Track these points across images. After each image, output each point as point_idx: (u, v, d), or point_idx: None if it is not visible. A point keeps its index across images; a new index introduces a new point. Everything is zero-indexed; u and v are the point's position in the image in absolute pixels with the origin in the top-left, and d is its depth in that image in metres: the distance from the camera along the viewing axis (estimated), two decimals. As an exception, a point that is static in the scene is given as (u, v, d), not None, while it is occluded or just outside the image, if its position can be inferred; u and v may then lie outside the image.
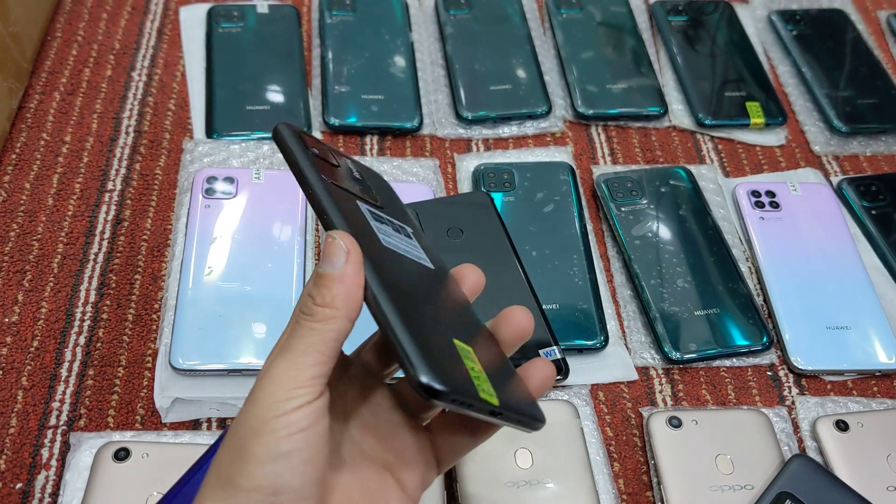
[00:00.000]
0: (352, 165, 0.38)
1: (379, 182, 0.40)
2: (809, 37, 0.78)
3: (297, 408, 0.29)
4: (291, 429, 0.29)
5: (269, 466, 0.29)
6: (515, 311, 0.36)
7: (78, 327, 0.54)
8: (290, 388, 0.30)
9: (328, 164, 0.35)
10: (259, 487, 0.29)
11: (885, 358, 0.56)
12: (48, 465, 0.48)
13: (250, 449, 0.29)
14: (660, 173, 0.65)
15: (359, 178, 0.37)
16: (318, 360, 0.30)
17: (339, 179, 0.35)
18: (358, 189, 0.36)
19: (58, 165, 0.62)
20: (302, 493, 0.29)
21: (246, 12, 0.73)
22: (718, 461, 0.50)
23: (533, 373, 0.35)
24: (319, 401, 0.30)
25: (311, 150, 0.34)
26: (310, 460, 0.30)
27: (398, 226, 0.37)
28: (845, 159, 0.71)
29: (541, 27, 0.77)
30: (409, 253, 0.35)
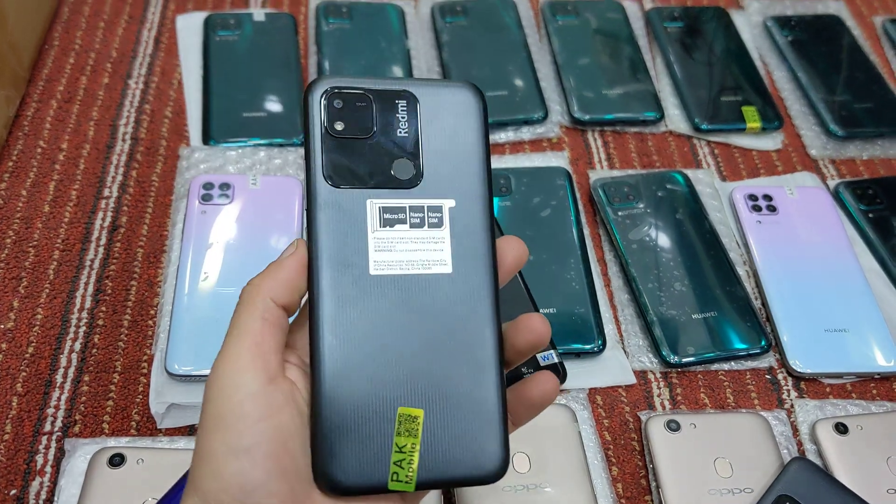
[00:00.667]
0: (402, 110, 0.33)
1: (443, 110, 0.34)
2: (805, 42, 0.79)
3: (247, 396, 0.29)
4: (248, 421, 0.29)
5: (232, 464, 0.29)
6: (533, 318, 0.33)
7: (73, 333, 0.54)
8: (231, 376, 0.29)
9: (353, 143, 0.33)
10: (226, 489, 0.28)
11: (884, 360, 0.56)
12: (42, 472, 0.48)
13: (211, 449, 0.29)
14: (656, 178, 0.65)
15: (402, 134, 0.33)
16: (250, 342, 0.30)
17: (357, 166, 0.32)
18: (383, 168, 0.33)
19: (54, 172, 0.62)
20: (270, 489, 0.29)
21: (243, 21, 0.73)
22: (717, 465, 0.50)
23: (534, 386, 0.34)
24: (271, 390, 0.30)
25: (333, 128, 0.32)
26: (274, 454, 0.29)
27: (429, 209, 0.33)
28: (842, 163, 0.71)
29: (537, 34, 0.77)
30: (410, 266, 0.32)
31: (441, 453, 0.31)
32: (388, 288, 0.32)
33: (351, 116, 0.33)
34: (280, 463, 0.29)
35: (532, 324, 0.33)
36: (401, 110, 0.33)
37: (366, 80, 0.33)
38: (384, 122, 0.33)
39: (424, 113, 0.33)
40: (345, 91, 0.33)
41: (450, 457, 0.31)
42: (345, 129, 0.33)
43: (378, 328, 0.31)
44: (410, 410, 0.31)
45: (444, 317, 0.32)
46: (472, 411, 0.32)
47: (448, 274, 0.32)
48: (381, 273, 0.32)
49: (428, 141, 0.33)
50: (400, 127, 0.33)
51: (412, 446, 0.31)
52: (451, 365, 0.32)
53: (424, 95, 0.34)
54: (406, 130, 0.33)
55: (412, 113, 0.33)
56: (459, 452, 0.31)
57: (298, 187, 0.61)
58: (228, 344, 0.30)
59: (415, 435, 0.31)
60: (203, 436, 0.29)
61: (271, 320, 0.31)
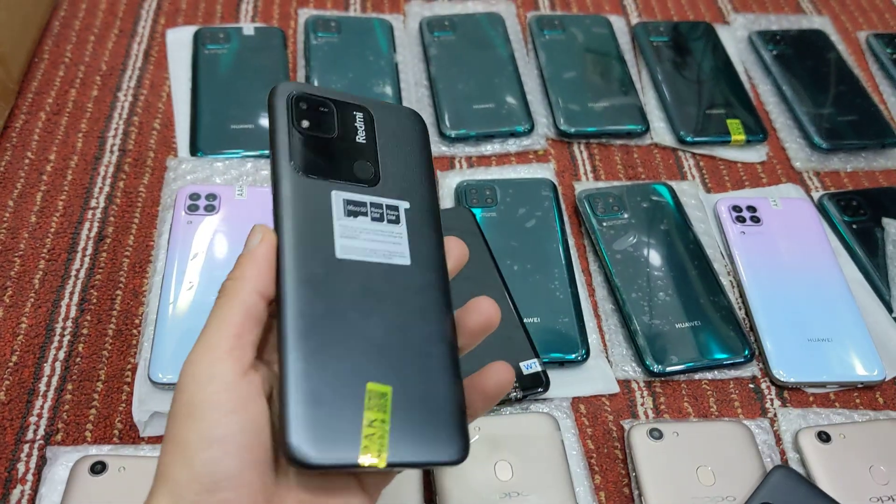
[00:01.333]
0: (360, 120, 0.36)
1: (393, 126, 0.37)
2: (790, 56, 0.79)
3: (222, 387, 0.29)
4: (221, 411, 0.29)
5: (204, 453, 0.28)
6: (481, 300, 0.35)
7: (58, 342, 0.54)
8: (207, 365, 0.29)
9: (317, 139, 0.35)
10: (197, 478, 0.28)
11: (866, 370, 0.56)
12: (24, 480, 0.48)
13: (183, 438, 0.29)
14: (641, 189, 0.65)
15: (361, 140, 0.36)
16: (230, 333, 0.30)
17: (322, 161, 0.34)
18: (346, 165, 0.35)
19: (42, 183, 0.63)
20: (242, 480, 0.29)
21: (232, 35, 0.74)
22: (700, 473, 0.50)
23: (489, 377, 0.35)
24: (244, 383, 0.30)
25: (300, 125, 0.34)
26: (247, 446, 0.29)
27: (387, 207, 0.35)
28: (826, 175, 0.71)
29: (524, 48, 0.78)
30: (374, 255, 0.34)
31: (409, 434, 0.31)
32: (354, 272, 0.33)
33: (315, 117, 0.35)
34: (253, 454, 0.29)
35: (481, 306, 0.35)
36: (359, 120, 0.36)
37: (326, 91, 0.36)
38: (345, 127, 0.36)
39: (379, 126, 0.37)
40: (308, 96, 0.36)
41: (417, 438, 0.31)
42: (310, 126, 0.35)
43: (344, 308, 0.32)
44: (379, 387, 0.31)
45: (404, 304, 0.33)
46: (435, 395, 0.32)
47: (407, 266, 0.34)
48: (347, 257, 0.33)
49: (382, 150, 0.36)
50: (359, 134, 0.36)
51: (382, 423, 0.31)
52: (411, 351, 0.33)
53: (378, 112, 0.37)
54: (364, 138, 0.36)
55: (369, 124, 0.36)
56: (425, 434, 0.32)
57: (284, 198, 0.61)
58: (207, 333, 0.30)
59: (384, 411, 0.31)
60: (174, 424, 0.29)
61: (254, 314, 0.31)
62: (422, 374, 0.33)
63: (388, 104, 0.38)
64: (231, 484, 0.29)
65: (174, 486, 0.29)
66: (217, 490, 0.28)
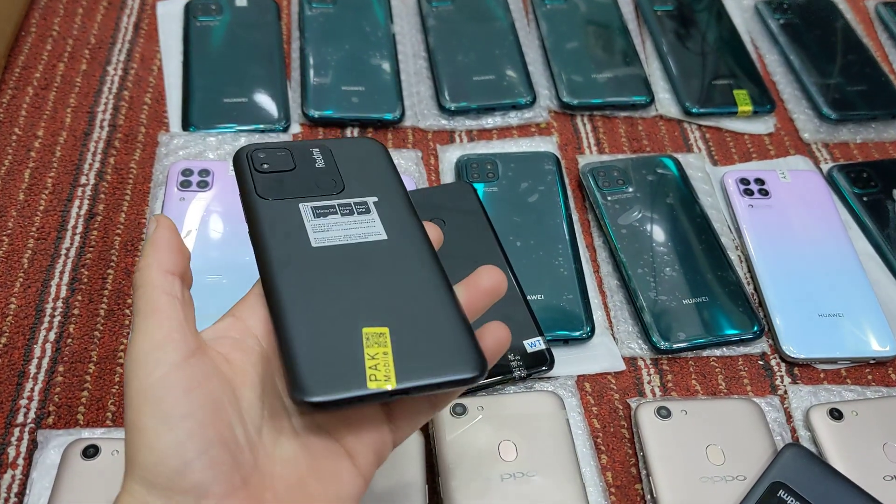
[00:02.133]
0: (318, 154, 0.39)
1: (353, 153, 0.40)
2: (797, 25, 0.77)
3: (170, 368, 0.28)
4: (176, 391, 0.28)
5: (166, 436, 0.28)
6: (486, 268, 0.35)
7: (48, 323, 0.52)
8: (149, 352, 0.29)
9: (280, 173, 0.38)
10: (164, 461, 0.27)
11: (879, 345, 0.55)
12: (14, 464, 0.46)
13: (141, 423, 0.28)
14: (646, 162, 0.64)
15: (321, 166, 0.39)
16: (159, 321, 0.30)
17: (286, 186, 0.37)
18: (309, 185, 0.38)
19: (30, 160, 0.61)
20: (212, 457, 0.28)
21: (224, 6, 0.72)
22: (709, 452, 0.48)
23: (486, 335, 0.34)
24: (195, 362, 0.29)
25: (261, 168, 0.38)
26: (210, 423, 0.28)
27: (355, 203, 0.37)
28: (835, 147, 0.69)
29: (524, 18, 0.76)
30: (349, 238, 0.35)
31: (416, 360, 0.31)
32: (333, 252, 0.35)
33: (273, 160, 0.38)
34: (217, 431, 0.28)
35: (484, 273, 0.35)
36: (316, 154, 0.39)
37: (281, 143, 0.40)
38: (303, 162, 0.39)
39: (337, 154, 0.40)
40: (265, 148, 0.39)
41: (426, 362, 0.32)
42: (269, 167, 0.38)
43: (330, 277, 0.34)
44: (376, 329, 0.32)
45: (389, 263, 0.35)
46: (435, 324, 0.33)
47: (384, 240, 0.36)
48: (322, 245, 0.35)
49: (344, 170, 0.39)
50: (317, 163, 0.39)
51: (385, 354, 0.31)
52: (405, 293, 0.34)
53: (334, 145, 0.40)
54: (323, 164, 0.39)
55: (327, 155, 0.39)
56: (435, 358, 0.32)
57: (280, 173, 0.59)
58: (138, 324, 0.30)
59: (384, 345, 0.32)
60: (131, 412, 0.28)
61: (176, 294, 0.31)
62: (418, 310, 0.33)
63: (343, 139, 0.43)
64: (200, 464, 0.28)
65: (143, 471, 0.28)
66: (186, 471, 0.28)
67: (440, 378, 0.31)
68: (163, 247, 0.32)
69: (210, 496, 0.28)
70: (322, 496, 0.31)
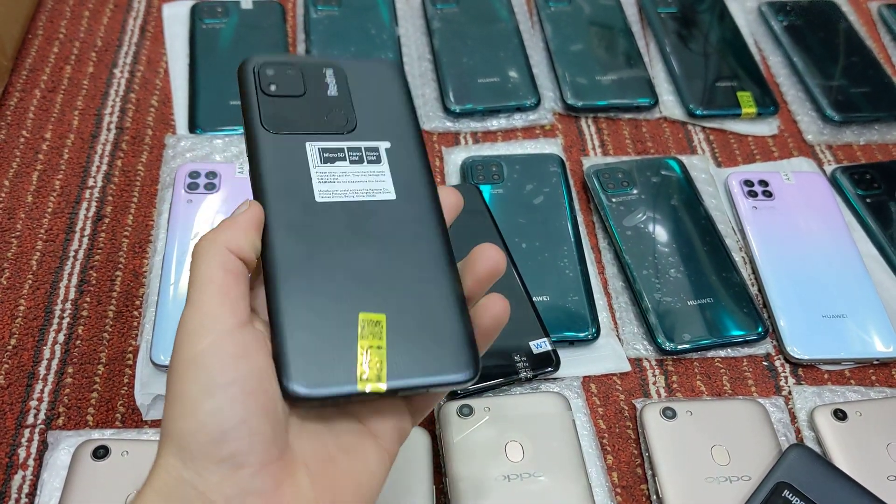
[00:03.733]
0: (331, 77, 0.36)
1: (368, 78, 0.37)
2: (800, 27, 0.78)
3: (220, 335, 0.28)
4: (222, 357, 0.28)
5: (207, 402, 0.27)
6: (486, 246, 0.34)
7: (57, 325, 0.53)
8: (201, 321, 0.28)
9: (288, 99, 0.35)
10: (202, 427, 0.27)
11: (883, 346, 0.55)
12: (25, 465, 0.47)
13: (184, 391, 0.28)
14: (651, 164, 0.64)
15: (333, 94, 0.36)
16: (215, 290, 0.29)
17: (293, 117, 0.35)
18: (318, 119, 0.35)
19: (38, 162, 0.61)
20: (251, 427, 0.27)
21: (230, 9, 0.72)
22: (714, 452, 0.49)
23: (483, 312, 0.33)
24: (245, 332, 0.29)
25: (268, 90, 0.35)
26: (253, 392, 0.28)
27: (366, 149, 0.35)
28: (839, 148, 0.70)
29: (529, 20, 0.76)
30: (355, 194, 0.33)
31: (410, 357, 0.30)
32: (336, 212, 0.33)
33: (283, 80, 0.35)
34: (259, 401, 0.28)
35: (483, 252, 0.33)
36: (329, 77, 0.36)
37: (293, 56, 0.36)
38: (314, 85, 0.36)
39: (352, 79, 0.37)
40: (275, 63, 0.36)
41: (419, 361, 0.30)
42: (277, 90, 0.35)
43: (331, 246, 0.32)
44: (372, 315, 0.31)
45: (394, 235, 0.33)
46: (434, 317, 0.31)
47: (392, 200, 0.34)
48: (326, 200, 0.33)
49: (357, 100, 0.36)
50: (329, 89, 0.36)
51: (378, 349, 0.30)
52: (407, 276, 0.32)
53: (349, 68, 0.37)
54: (336, 91, 0.36)
55: (340, 79, 0.36)
56: (428, 358, 0.30)
57: (286, 175, 0.59)
58: (193, 294, 0.29)
59: (379, 337, 0.30)
60: (174, 380, 0.28)
61: (232, 269, 0.30)
62: (419, 298, 0.32)
63: (359, 59, 0.39)
64: (239, 433, 0.27)
65: (180, 441, 0.27)
66: (225, 440, 0.27)
67: (432, 380, 0.30)
68: (236, 227, 0.31)
69: (245, 467, 0.27)
70: (351, 472, 0.30)
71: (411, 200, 0.34)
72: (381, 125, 0.36)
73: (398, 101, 0.37)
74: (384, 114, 0.36)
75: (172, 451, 0.28)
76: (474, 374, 0.31)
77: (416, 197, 0.34)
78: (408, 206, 0.34)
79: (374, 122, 0.36)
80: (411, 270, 0.32)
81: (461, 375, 0.31)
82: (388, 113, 0.36)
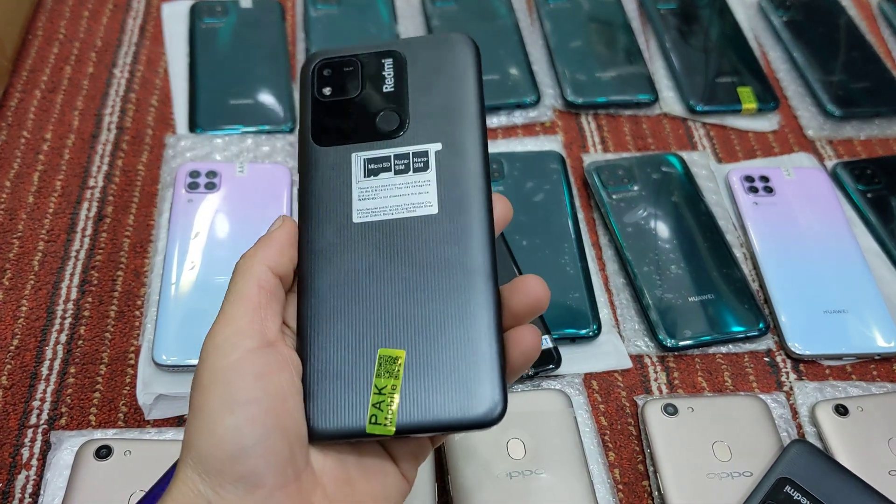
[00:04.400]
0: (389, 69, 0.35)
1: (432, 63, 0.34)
2: (801, 22, 0.77)
3: (245, 354, 0.28)
4: (246, 376, 0.28)
5: (227, 419, 0.27)
6: (529, 279, 0.32)
7: (59, 325, 0.53)
8: (229, 336, 0.29)
9: (338, 105, 0.34)
10: (220, 444, 0.27)
11: (884, 341, 0.55)
12: (28, 465, 0.47)
13: (206, 405, 0.28)
14: (651, 160, 0.64)
15: (389, 89, 0.34)
16: (248, 307, 0.30)
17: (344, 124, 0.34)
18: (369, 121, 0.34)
19: (38, 163, 0.61)
20: (269, 446, 0.28)
21: (229, 8, 0.72)
22: (716, 448, 0.49)
23: (512, 345, 0.31)
24: (270, 351, 0.29)
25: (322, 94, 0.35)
26: (273, 411, 0.28)
27: (414, 155, 0.33)
28: (839, 143, 0.70)
29: (528, 17, 0.76)
30: (394, 211, 0.32)
31: (426, 396, 0.29)
32: (371, 234, 0.32)
33: (338, 81, 0.35)
34: (279, 421, 0.28)
35: (527, 285, 0.32)
36: (387, 68, 0.35)
37: (355, 47, 0.35)
38: (371, 82, 0.35)
39: (412, 67, 0.35)
40: (334, 60, 0.35)
41: (436, 399, 0.29)
42: (332, 92, 0.35)
43: (361, 274, 0.31)
44: (391, 352, 0.30)
45: (429, 258, 0.31)
46: (462, 351, 0.30)
47: (433, 215, 0.32)
48: (363, 220, 0.32)
49: (415, 92, 0.34)
50: (386, 83, 0.35)
51: (392, 388, 0.30)
52: (437, 306, 0.31)
53: (413, 52, 0.35)
54: (392, 85, 0.34)
55: (399, 69, 0.35)
56: (447, 395, 0.29)
57: (287, 174, 0.59)
58: (226, 308, 0.30)
59: (395, 376, 0.30)
60: (198, 393, 0.29)
61: (267, 287, 0.31)
62: (446, 330, 0.30)
63: (429, 38, 0.36)
64: (256, 451, 0.28)
65: (198, 455, 0.28)
66: (242, 457, 0.27)
67: (448, 421, 0.29)
68: (274, 244, 0.32)
69: (262, 486, 0.28)
70: (370, 495, 0.31)
71: (455, 215, 0.32)
72: (436, 122, 0.33)
73: (462, 89, 0.34)
74: (443, 106, 0.34)
75: (191, 465, 0.28)
76: (500, 414, 0.29)
77: (461, 210, 0.32)
78: (450, 221, 0.32)
79: (429, 119, 0.33)
80: (442, 299, 0.31)
81: (483, 416, 0.29)
82: (448, 105, 0.34)
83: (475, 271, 0.31)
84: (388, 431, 0.29)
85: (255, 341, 0.29)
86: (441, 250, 0.31)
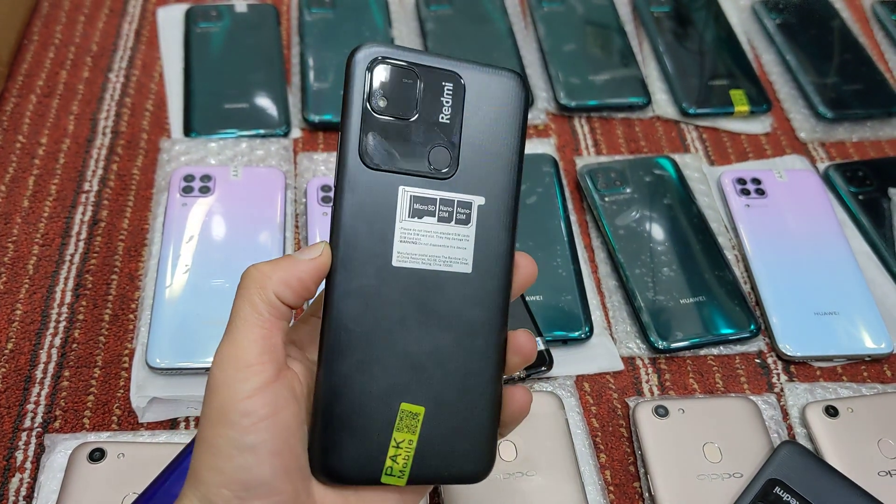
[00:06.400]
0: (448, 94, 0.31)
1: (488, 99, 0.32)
2: (793, 25, 0.78)
3: (252, 392, 0.29)
4: (253, 418, 0.28)
5: (236, 460, 0.28)
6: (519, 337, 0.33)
7: (53, 328, 0.53)
8: (241, 367, 0.29)
9: (392, 122, 0.31)
10: (228, 483, 0.28)
11: (874, 343, 0.56)
12: (22, 468, 0.47)
13: (215, 443, 0.29)
14: (644, 163, 0.64)
15: (445, 120, 0.31)
16: (261, 334, 0.29)
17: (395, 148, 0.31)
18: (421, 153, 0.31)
19: (34, 167, 0.62)
20: (273, 487, 0.29)
21: (224, 12, 0.73)
22: (706, 450, 0.49)
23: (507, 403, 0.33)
24: (277, 386, 0.29)
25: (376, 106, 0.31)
26: (278, 452, 0.29)
27: (458, 204, 0.32)
28: (831, 146, 0.70)
29: (522, 21, 0.77)
30: (433, 262, 0.31)
31: (435, 452, 0.32)
32: (407, 281, 0.31)
33: (395, 93, 0.31)
34: (284, 461, 0.29)
35: (518, 344, 0.33)
36: (446, 94, 0.32)
37: (415, 54, 0.31)
38: (428, 105, 0.31)
39: (469, 100, 0.32)
40: (392, 63, 0.31)
41: (442, 457, 0.32)
42: (387, 106, 0.31)
43: (391, 322, 0.31)
44: (413, 407, 0.31)
45: (457, 318, 0.32)
46: (469, 414, 0.32)
47: (467, 274, 0.32)
48: (402, 265, 0.31)
49: (468, 131, 0.32)
50: (443, 112, 0.32)
51: (409, 443, 0.31)
52: (456, 367, 0.32)
53: (472, 80, 0.32)
54: (449, 116, 0.32)
55: (457, 98, 0.32)
56: (452, 453, 0.32)
57: (281, 178, 0.60)
58: (235, 332, 0.30)
59: (413, 432, 0.31)
60: (206, 427, 0.29)
61: (276, 312, 0.30)
62: (461, 392, 0.32)
63: (486, 68, 0.32)
64: (262, 491, 0.28)
65: (205, 490, 0.29)
66: (248, 497, 0.28)
67: (448, 477, 0.32)
68: (295, 269, 0.30)
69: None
70: None
71: (484, 277, 0.32)
72: (483, 171, 0.32)
73: (511, 137, 0.32)
74: (491, 153, 0.32)
75: (198, 495, 0.29)
76: (486, 473, 0.33)
77: (491, 273, 0.32)
78: (479, 283, 0.32)
79: (478, 166, 0.32)
80: (461, 361, 0.32)
81: (476, 474, 0.33)
82: (496, 153, 0.32)
83: (493, 339, 0.33)
84: (400, 482, 0.31)
85: (262, 377, 0.29)
86: (468, 313, 0.32)
